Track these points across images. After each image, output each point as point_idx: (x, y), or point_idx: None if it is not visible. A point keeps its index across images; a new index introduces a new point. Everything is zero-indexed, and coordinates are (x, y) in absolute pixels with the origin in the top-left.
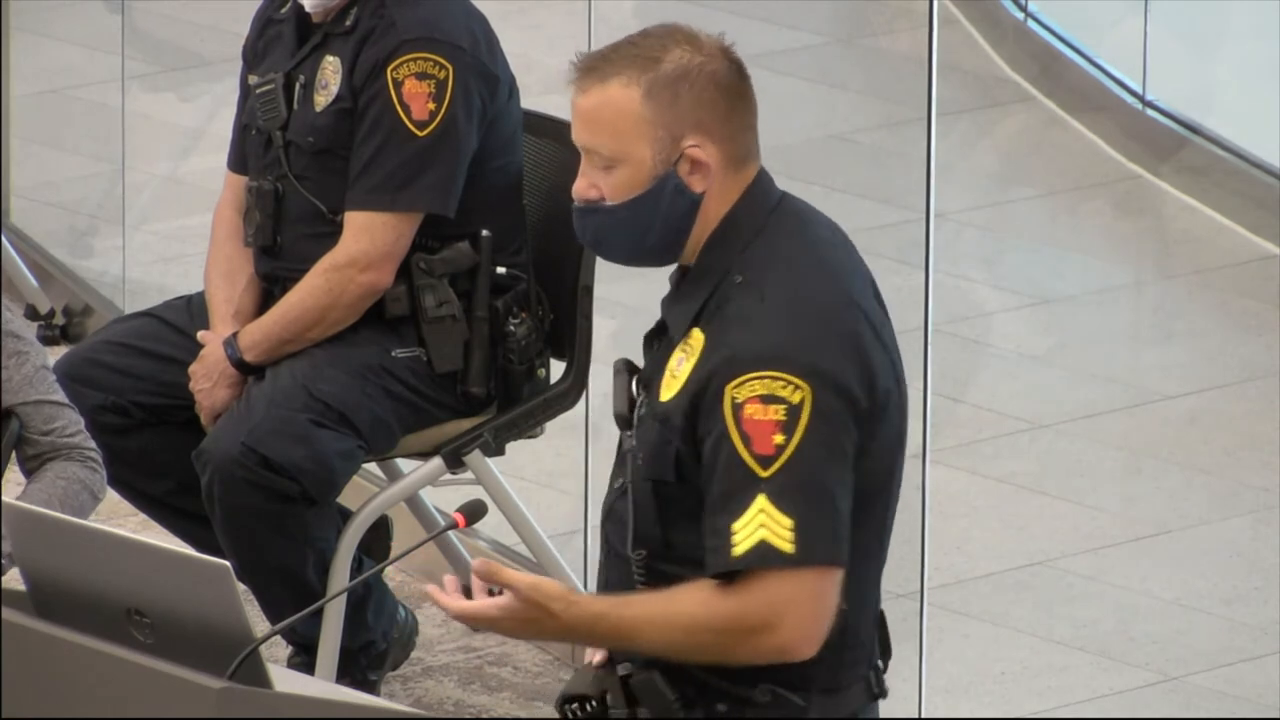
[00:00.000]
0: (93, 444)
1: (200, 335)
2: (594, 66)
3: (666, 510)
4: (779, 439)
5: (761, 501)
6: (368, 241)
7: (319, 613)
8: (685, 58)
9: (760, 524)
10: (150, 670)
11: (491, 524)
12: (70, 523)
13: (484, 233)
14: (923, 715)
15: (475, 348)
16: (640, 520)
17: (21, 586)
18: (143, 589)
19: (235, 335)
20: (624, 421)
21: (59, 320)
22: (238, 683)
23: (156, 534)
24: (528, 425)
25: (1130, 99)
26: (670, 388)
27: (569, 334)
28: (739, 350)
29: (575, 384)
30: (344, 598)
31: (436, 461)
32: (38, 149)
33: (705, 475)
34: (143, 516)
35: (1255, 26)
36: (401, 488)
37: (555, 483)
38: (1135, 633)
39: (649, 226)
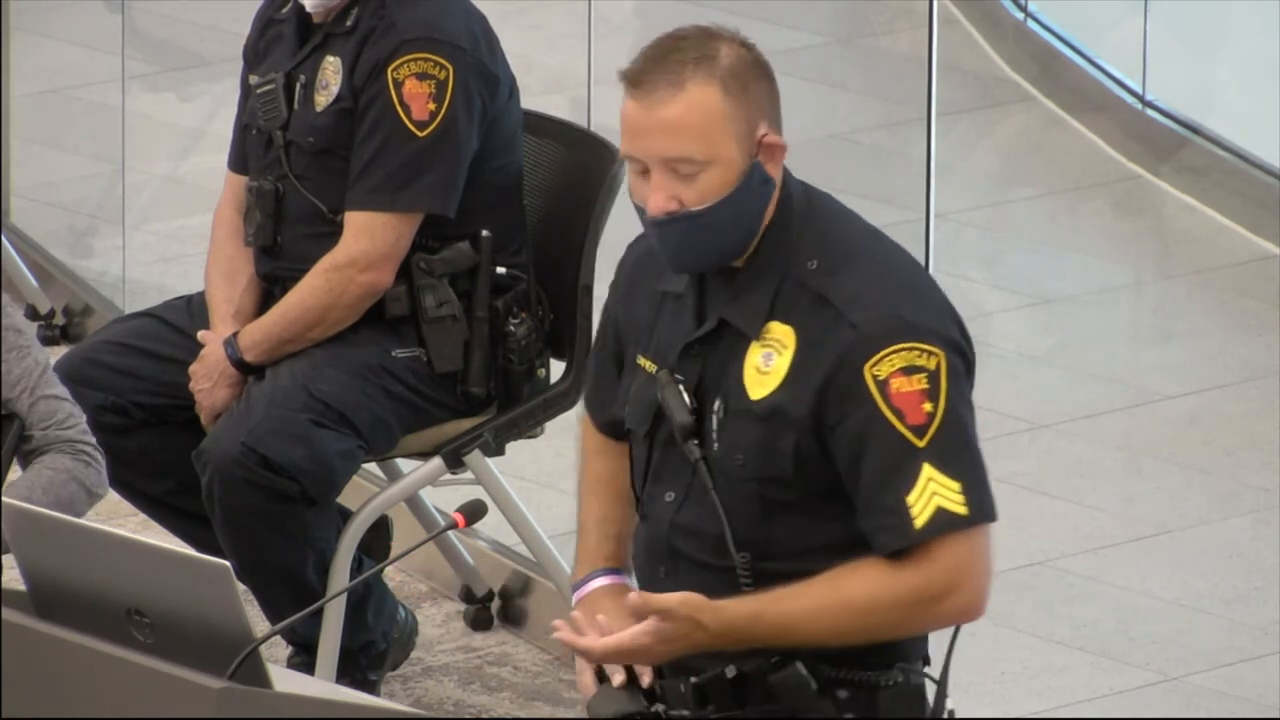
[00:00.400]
0: (91, 439)
1: (200, 335)
2: (659, 76)
3: (770, 507)
4: (928, 407)
5: (929, 470)
6: (368, 241)
7: (319, 613)
8: (734, 51)
9: (933, 492)
10: (150, 670)
11: (491, 524)
12: (70, 523)
13: (484, 233)
14: None
15: (475, 348)
16: (737, 523)
17: (21, 586)
18: (143, 589)
19: (235, 335)
20: (690, 431)
21: (59, 320)
22: (238, 683)
23: (156, 534)
24: (528, 425)
25: (1130, 99)
26: (763, 385)
27: (569, 334)
28: (865, 329)
29: (575, 384)
30: (344, 598)
31: (436, 461)
32: (38, 149)
33: (849, 459)
34: (143, 516)
35: (1255, 26)
36: (401, 488)
37: (555, 483)
38: (1135, 633)
39: (736, 222)
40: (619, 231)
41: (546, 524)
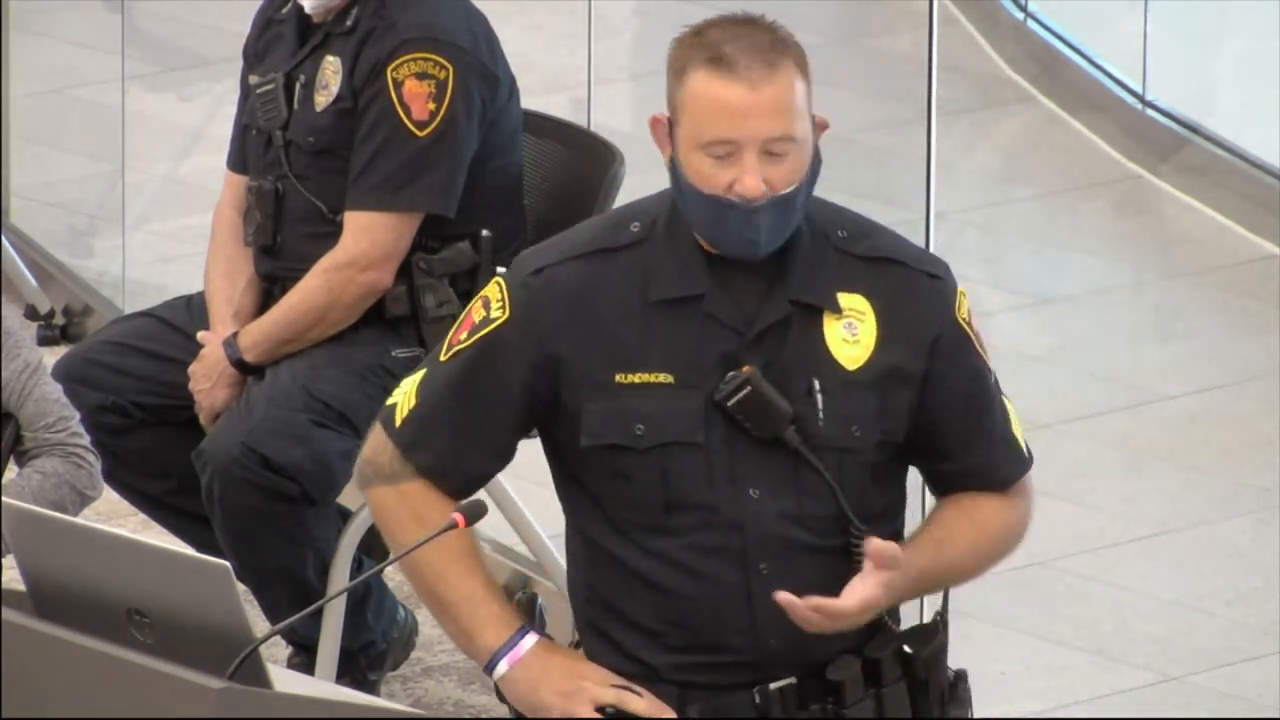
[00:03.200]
0: (84, 441)
1: (200, 335)
2: (753, 58)
3: (874, 473)
4: (981, 340)
5: (1006, 403)
6: (368, 241)
7: (319, 613)
8: (788, 35)
9: (1015, 422)
10: (150, 670)
11: (491, 524)
12: (70, 523)
13: (484, 233)
14: None
15: None
16: (849, 496)
17: (21, 586)
18: (143, 589)
19: (235, 335)
20: (791, 418)
21: (59, 320)
22: (238, 683)
23: (156, 534)
24: None
25: (1130, 99)
26: (856, 355)
27: None
28: (945, 278)
29: None
30: (344, 598)
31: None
32: (38, 149)
33: (958, 403)
34: (143, 516)
35: (1255, 26)
36: None
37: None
38: (1135, 633)
39: (805, 201)
40: None
41: (546, 524)
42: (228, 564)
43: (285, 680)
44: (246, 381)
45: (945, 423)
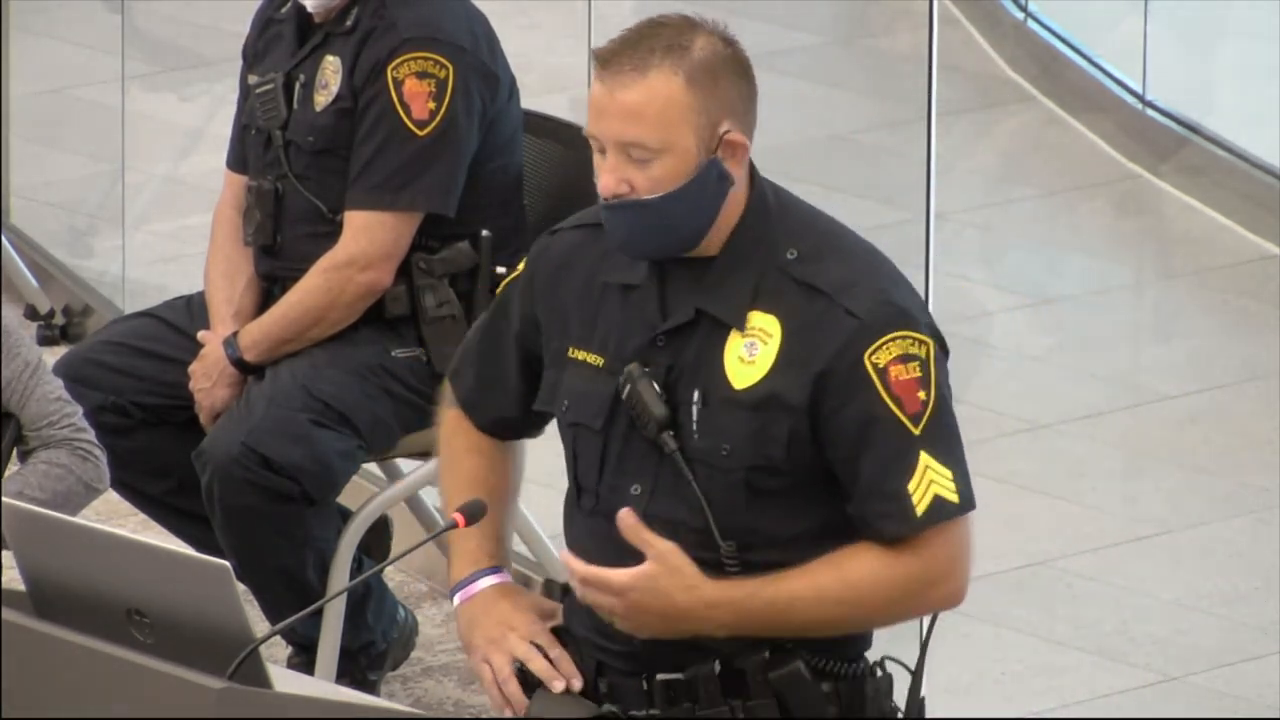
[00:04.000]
0: (89, 435)
1: (200, 335)
2: (626, 59)
3: (754, 495)
4: (922, 394)
5: (925, 458)
6: (367, 241)
7: (319, 613)
8: (711, 44)
9: (930, 480)
10: (150, 670)
11: None
12: (70, 523)
13: (484, 233)
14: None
15: None
16: (720, 513)
17: (21, 586)
18: (143, 589)
19: (235, 335)
20: (666, 423)
21: (59, 320)
22: (238, 683)
23: (156, 534)
24: None
25: (1130, 99)
26: (748, 375)
27: None
28: (866, 317)
29: None
30: (344, 598)
31: (436, 461)
32: (38, 149)
33: (847, 446)
34: (143, 516)
35: (1255, 26)
36: (401, 488)
37: (555, 482)
38: (1135, 633)
39: (689, 215)
40: None
41: (546, 524)
42: (228, 564)
43: (285, 680)
44: (246, 381)
45: (832, 462)
